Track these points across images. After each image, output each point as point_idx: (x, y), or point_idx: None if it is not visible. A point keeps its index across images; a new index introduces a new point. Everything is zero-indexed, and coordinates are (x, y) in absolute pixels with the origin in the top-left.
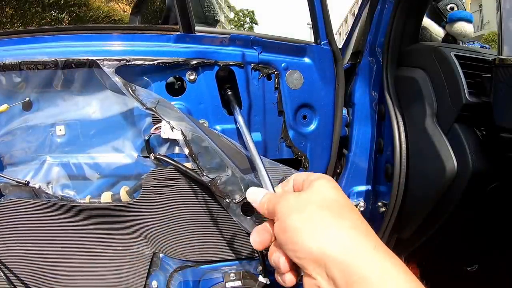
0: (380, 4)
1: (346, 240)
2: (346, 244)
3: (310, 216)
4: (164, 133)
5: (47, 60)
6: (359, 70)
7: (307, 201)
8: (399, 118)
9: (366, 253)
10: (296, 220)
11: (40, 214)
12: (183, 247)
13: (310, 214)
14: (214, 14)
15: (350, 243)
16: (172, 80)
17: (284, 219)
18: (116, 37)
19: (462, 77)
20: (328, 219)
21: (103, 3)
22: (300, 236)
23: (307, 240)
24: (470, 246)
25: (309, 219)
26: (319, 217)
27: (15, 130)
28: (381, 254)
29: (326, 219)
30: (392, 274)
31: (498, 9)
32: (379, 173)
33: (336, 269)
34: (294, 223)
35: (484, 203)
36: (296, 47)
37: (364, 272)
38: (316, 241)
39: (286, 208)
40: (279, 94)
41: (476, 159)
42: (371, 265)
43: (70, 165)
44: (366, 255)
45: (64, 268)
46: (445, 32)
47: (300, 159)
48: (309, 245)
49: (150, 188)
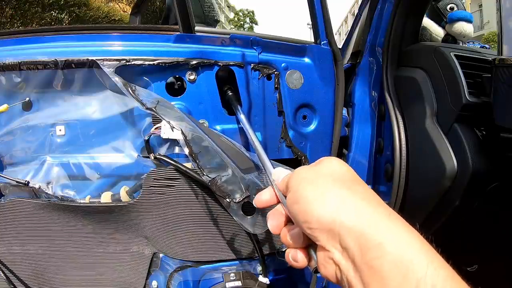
0: (380, 4)
1: (359, 208)
2: (359, 213)
3: (322, 186)
4: (164, 133)
5: (47, 60)
6: (359, 70)
7: (318, 173)
8: (399, 118)
9: (380, 220)
10: (308, 190)
11: (40, 214)
12: (183, 247)
13: (322, 185)
14: (214, 14)
15: (363, 211)
16: (172, 80)
17: (295, 190)
18: (116, 37)
19: (462, 77)
20: (340, 190)
21: (103, 3)
22: (312, 205)
23: (319, 210)
24: (470, 246)
25: (321, 189)
26: (331, 188)
27: (15, 130)
28: (395, 222)
29: (338, 190)
30: (408, 241)
31: (498, 9)
32: (379, 173)
33: (350, 238)
34: (306, 193)
35: (484, 203)
36: (296, 47)
37: (379, 239)
38: (329, 210)
39: (297, 180)
40: (279, 94)
41: (476, 159)
42: (386, 232)
43: (70, 165)
44: (380, 222)
45: (64, 268)
46: (445, 32)
47: (300, 159)
48: (322, 214)
49: (150, 188)
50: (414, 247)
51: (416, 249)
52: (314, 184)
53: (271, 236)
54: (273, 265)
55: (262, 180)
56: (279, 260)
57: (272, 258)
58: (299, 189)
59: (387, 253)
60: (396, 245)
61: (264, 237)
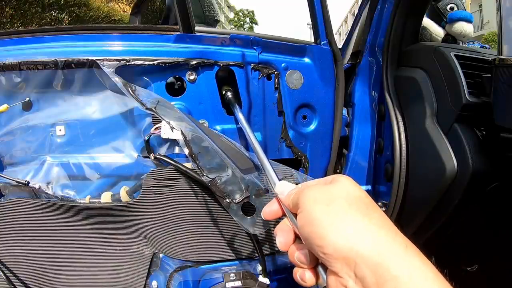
0: (380, 4)
1: (376, 238)
2: (377, 242)
3: (337, 210)
4: (164, 133)
5: (47, 60)
6: (359, 70)
7: (332, 194)
8: (399, 118)
9: (398, 252)
10: (322, 213)
11: (40, 214)
12: (183, 247)
13: (337, 208)
14: (214, 14)
15: (381, 241)
16: (172, 80)
17: (309, 211)
18: (116, 37)
19: (462, 77)
20: (356, 215)
21: (103, 3)
22: (327, 231)
23: (335, 236)
24: (470, 246)
25: (336, 213)
26: (347, 212)
27: (15, 130)
28: (412, 254)
29: (354, 215)
30: (424, 276)
31: (498, 9)
32: (379, 173)
33: (366, 268)
34: (321, 217)
35: (484, 203)
36: (296, 47)
37: (396, 272)
38: (345, 237)
39: (311, 199)
40: (279, 94)
41: (476, 159)
42: (403, 265)
43: (70, 165)
44: (398, 254)
45: (64, 268)
46: (445, 32)
47: (300, 159)
48: (337, 241)
49: (150, 188)
50: (429, 281)
51: (430, 283)
52: (330, 207)
53: (271, 236)
54: (273, 265)
55: (262, 180)
56: (279, 260)
57: (272, 258)
58: (313, 211)
59: (403, 286)
60: (413, 280)
61: (264, 237)
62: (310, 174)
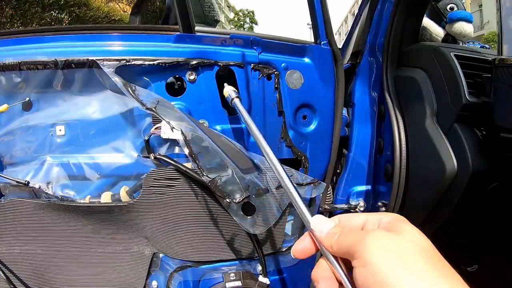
0: (380, 4)
1: None
2: None
3: (416, 270)
4: (164, 133)
5: (47, 60)
6: (359, 70)
7: (405, 246)
8: (399, 118)
9: None
10: (397, 267)
11: (40, 214)
12: (183, 247)
13: (415, 267)
14: (214, 14)
15: None
16: (172, 80)
17: (379, 267)
18: (116, 37)
19: (462, 77)
20: (431, 271)
21: (103, 3)
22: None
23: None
24: (470, 246)
25: (415, 275)
26: (427, 269)
27: (15, 130)
28: None
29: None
30: None
31: (498, 9)
32: (379, 173)
33: None
34: (396, 279)
35: (484, 203)
36: (296, 47)
37: None
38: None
39: (380, 253)
40: (279, 94)
41: (476, 159)
42: None
43: (70, 165)
44: None
45: (64, 268)
46: (445, 32)
47: (300, 159)
48: None
49: (150, 188)
50: None
51: None
52: (403, 258)
53: (271, 236)
54: (273, 265)
55: (262, 180)
56: (279, 260)
57: (272, 258)
58: (386, 270)
59: None
60: None
61: (264, 237)
62: (310, 174)
